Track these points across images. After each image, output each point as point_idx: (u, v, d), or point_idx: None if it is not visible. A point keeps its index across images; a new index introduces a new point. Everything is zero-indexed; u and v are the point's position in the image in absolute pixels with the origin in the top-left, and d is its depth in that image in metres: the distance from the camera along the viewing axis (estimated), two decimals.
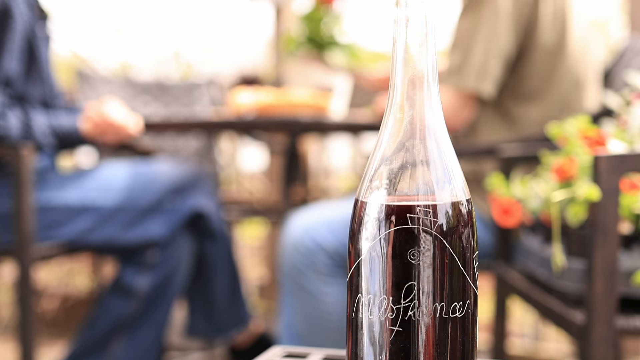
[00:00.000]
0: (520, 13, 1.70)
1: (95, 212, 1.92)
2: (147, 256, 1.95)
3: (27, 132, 1.82)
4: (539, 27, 1.71)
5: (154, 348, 1.98)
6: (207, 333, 2.16)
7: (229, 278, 2.14)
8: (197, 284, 2.12)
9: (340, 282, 1.66)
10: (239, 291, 2.17)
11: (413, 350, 0.59)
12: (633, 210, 1.18)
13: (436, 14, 0.62)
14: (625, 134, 1.28)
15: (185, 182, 2.00)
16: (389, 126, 0.62)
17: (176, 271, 1.99)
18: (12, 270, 2.74)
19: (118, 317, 1.94)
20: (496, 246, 1.59)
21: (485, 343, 2.38)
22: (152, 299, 1.96)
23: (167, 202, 1.95)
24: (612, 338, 1.12)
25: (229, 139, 3.29)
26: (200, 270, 2.11)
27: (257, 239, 3.50)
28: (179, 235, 1.98)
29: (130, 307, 1.94)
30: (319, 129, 2.11)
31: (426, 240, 0.59)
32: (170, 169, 2.03)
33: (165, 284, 1.97)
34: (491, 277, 1.66)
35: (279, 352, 0.83)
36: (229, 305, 2.15)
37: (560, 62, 1.74)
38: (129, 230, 1.93)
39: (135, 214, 1.93)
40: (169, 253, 1.96)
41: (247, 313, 2.20)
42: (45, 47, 1.97)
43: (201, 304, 2.13)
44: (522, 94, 1.76)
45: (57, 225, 1.90)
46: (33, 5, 1.93)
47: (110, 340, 1.94)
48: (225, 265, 2.13)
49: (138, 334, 1.95)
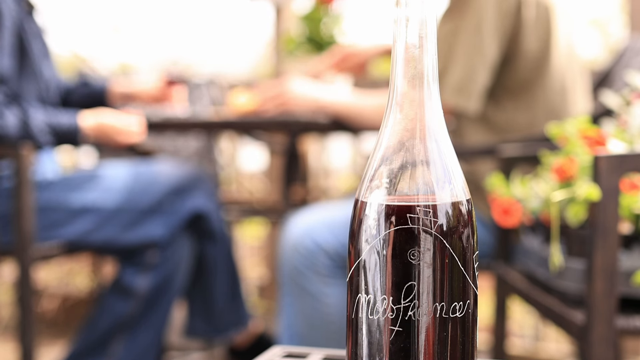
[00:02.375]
0: (504, 21, 1.67)
1: (95, 213, 1.92)
2: (147, 257, 1.95)
3: (26, 131, 1.81)
4: (522, 34, 1.68)
5: (153, 348, 1.98)
6: (206, 333, 2.16)
7: (228, 279, 2.14)
8: (196, 285, 2.13)
9: (340, 282, 1.66)
10: (238, 292, 2.17)
11: (413, 350, 0.59)
12: (633, 210, 1.18)
13: (436, 14, 0.62)
14: (625, 134, 1.28)
15: (185, 183, 2.00)
16: (389, 126, 0.62)
17: (176, 272, 1.99)
18: (12, 270, 2.74)
19: (118, 317, 1.94)
20: (496, 246, 1.59)
21: (485, 343, 2.38)
22: (152, 300, 1.96)
23: (167, 203, 1.95)
24: (612, 338, 1.12)
25: (229, 139, 3.29)
26: (199, 271, 2.11)
27: (257, 239, 3.50)
28: (178, 236, 1.98)
29: (129, 307, 1.94)
30: (319, 129, 2.11)
31: (426, 240, 0.59)
32: (170, 170, 2.03)
33: (164, 284, 1.97)
34: (491, 277, 1.66)
35: (279, 352, 0.83)
36: (229, 306, 2.15)
37: (544, 68, 1.72)
38: (129, 231, 1.93)
39: (135, 215, 1.93)
40: (169, 254, 1.96)
41: (246, 313, 2.20)
42: (36, 41, 1.97)
43: (200, 305, 2.14)
44: (505, 100, 1.75)
45: (57, 225, 1.90)
46: (20, 0, 1.92)
47: (110, 340, 1.94)
48: (224, 266, 2.13)
49: (138, 334, 1.95)
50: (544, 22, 1.70)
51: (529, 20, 1.68)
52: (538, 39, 1.70)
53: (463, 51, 1.67)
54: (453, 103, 1.66)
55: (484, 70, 1.67)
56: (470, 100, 1.66)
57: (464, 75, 1.66)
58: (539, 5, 1.69)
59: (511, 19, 1.67)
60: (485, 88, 1.69)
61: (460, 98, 1.66)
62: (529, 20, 1.68)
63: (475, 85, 1.66)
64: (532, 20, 1.69)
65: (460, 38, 1.67)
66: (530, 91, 1.73)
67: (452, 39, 1.68)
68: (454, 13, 1.69)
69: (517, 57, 1.71)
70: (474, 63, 1.66)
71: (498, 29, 1.67)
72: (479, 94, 1.67)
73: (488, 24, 1.66)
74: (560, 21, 1.74)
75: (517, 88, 1.73)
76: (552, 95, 1.73)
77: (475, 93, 1.66)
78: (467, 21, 1.67)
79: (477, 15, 1.66)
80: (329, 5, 2.28)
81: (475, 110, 1.68)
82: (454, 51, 1.67)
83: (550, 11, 1.70)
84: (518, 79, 1.73)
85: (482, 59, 1.66)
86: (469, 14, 1.66)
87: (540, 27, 1.70)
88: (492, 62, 1.68)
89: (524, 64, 1.71)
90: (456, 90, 1.66)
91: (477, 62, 1.66)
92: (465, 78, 1.66)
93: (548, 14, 1.70)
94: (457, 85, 1.66)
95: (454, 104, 1.66)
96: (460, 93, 1.66)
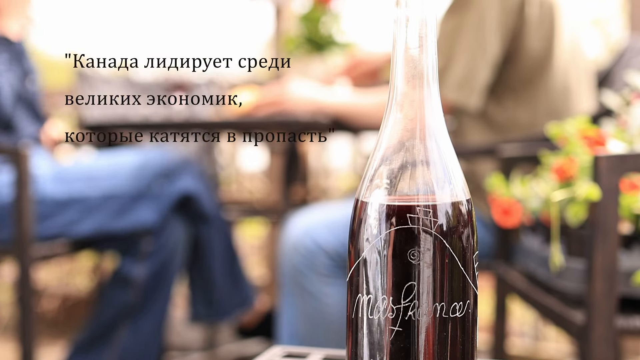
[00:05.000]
0: (507, 18, 1.67)
1: (82, 203, 1.93)
2: (142, 245, 1.97)
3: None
4: (525, 32, 1.68)
5: (157, 334, 2.02)
6: (209, 317, 2.18)
7: (226, 260, 2.16)
8: (194, 269, 2.14)
9: (340, 282, 1.66)
10: (238, 272, 2.18)
11: (413, 350, 0.59)
12: (633, 210, 1.18)
13: (436, 13, 0.62)
14: (625, 134, 1.28)
15: (172, 166, 2.01)
16: (389, 126, 0.62)
17: (172, 257, 2.01)
18: (12, 270, 2.74)
19: (120, 307, 1.98)
20: (496, 246, 1.59)
21: (485, 343, 2.38)
22: (151, 287, 1.98)
23: (155, 187, 1.96)
24: (612, 338, 1.12)
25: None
26: (196, 254, 2.13)
27: (257, 239, 3.50)
28: (171, 220, 1.99)
29: (130, 296, 1.97)
30: (319, 129, 2.11)
31: (426, 240, 0.59)
32: (155, 154, 2.04)
33: (162, 271, 1.99)
34: (491, 277, 1.66)
35: (279, 352, 0.83)
36: (229, 287, 2.16)
37: (547, 67, 1.72)
38: (120, 218, 1.94)
39: (124, 201, 1.94)
40: (164, 240, 1.98)
41: (250, 293, 2.21)
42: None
43: (200, 289, 2.16)
44: (506, 98, 1.75)
45: (43, 218, 1.90)
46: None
47: (114, 330, 1.98)
48: (221, 247, 2.14)
49: (141, 321, 1.99)
50: (547, 21, 1.70)
51: (533, 19, 1.68)
52: (541, 37, 1.70)
53: (465, 47, 1.67)
54: (454, 98, 1.66)
55: (485, 67, 1.67)
56: (472, 96, 1.66)
57: (465, 71, 1.66)
58: (543, 3, 1.69)
59: (514, 16, 1.67)
60: (486, 85, 1.69)
61: (461, 94, 1.66)
62: (533, 19, 1.68)
63: (476, 81, 1.66)
64: (535, 19, 1.69)
65: (462, 34, 1.67)
66: (532, 90, 1.73)
67: (454, 36, 1.68)
68: (457, 10, 1.70)
69: (520, 55, 1.71)
70: (476, 59, 1.66)
71: (501, 26, 1.67)
72: (480, 90, 1.67)
73: (491, 20, 1.66)
74: (565, 20, 1.73)
75: (518, 86, 1.73)
76: (554, 94, 1.73)
77: (477, 89, 1.67)
78: (470, 18, 1.67)
79: (480, 12, 1.66)
80: (327, 4, 2.27)
81: (476, 107, 1.68)
82: (456, 48, 1.67)
83: (554, 10, 1.70)
84: (520, 77, 1.73)
85: (484, 56, 1.66)
86: (472, 10, 1.67)
87: (544, 25, 1.70)
88: (494, 59, 1.68)
89: (526, 62, 1.71)
90: (457, 85, 1.66)
91: (478, 58, 1.66)
92: (466, 74, 1.66)
93: (552, 12, 1.70)
94: (459, 81, 1.66)
95: (454, 99, 1.66)
96: (461, 89, 1.66)
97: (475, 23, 1.66)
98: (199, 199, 2.04)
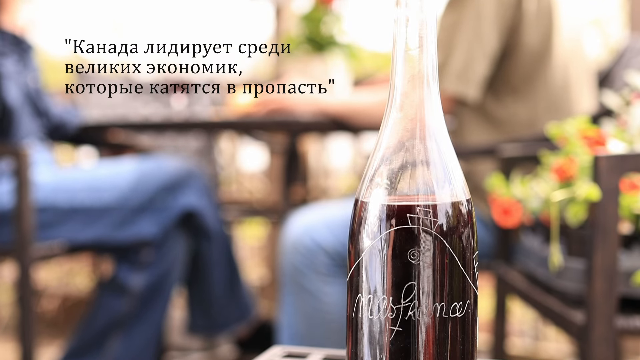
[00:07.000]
0: (504, 13, 1.68)
1: (84, 213, 1.92)
2: (142, 255, 1.95)
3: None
4: (522, 27, 1.69)
5: (151, 346, 1.98)
6: (206, 329, 2.17)
7: (226, 275, 2.15)
8: (194, 283, 2.13)
9: (340, 282, 1.66)
10: (237, 285, 2.17)
11: (413, 350, 0.59)
12: (633, 210, 1.18)
13: (436, 13, 0.62)
14: (625, 134, 1.28)
15: (176, 180, 1.99)
16: (389, 126, 0.62)
17: (171, 270, 1.99)
18: (12, 270, 2.74)
19: (113, 315, 1.95)
20: (496, 246, 1.59)
21: (485, 343, 2.38)
22: (147, 298, 1.96)
23: (158, 200, 1.95)
24: (612, 338, 1.12)
25: (229, 139, 3.29)
26: (196, 268, 2.11)
27: (257, 239, 3.50)
28: (172, 234, 1.98)
29: (125, 305, 1.95)
30: (319, 129, 2.11)
31: (426, 240, 0.59)
32: (160, 166, 2.02)
33: (160, 282, 1.97)
34: (491, 277, 1.66)
35: (279, 352, 0.83)
36: (228, 301, 2.15)
37: (546, 62, 1.72)
38: (121, 229, 1.93)
39: (126, 213, 1.93)
40: (164, 252, 1.96)
41: (249, 306, 2.20)
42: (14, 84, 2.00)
43: (199, 302, 2.14)
44: (505, 95, 1.75)
45: (46, 226, 1.90)
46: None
47: (106, 338, 1.95)
48: (222, 263, 2.13)
49: (134, 332, 1.96)
50: (545, 17, 1.70)
51: (530, 13, 1.69)
52: (539, 32, 1.70)
53: (463, 40, 1.68)
54: (453, 90, 1.67)
55: (483, 59, 1.68)
56: (470, 87, 1.67)
57: (463, 63, 1.67)
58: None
59: (512, 10, 1.68)
60: (484, 77, 1.70)
61: (459, 85, 1.67)
62: (530, 13, 1.69)
63: (474, 73, 1.67)
64: (533, 14, 1.69)
65: (460, 29, 1.68)
66: (531, 86, 1.73)
67: (452, 31, 1.69)
68: (456, 5, 1.71)
69: (518, 50, 1.71)
70: (473, 51, 1.67)
71: (498, 19, 1.68)
72: (478, 82, 1.68)
73: (488, 14, 1.67)
74: (564, 17, 1.74)
75: (517, 82, 1.74)
76: (554, 91, 1.73)
77: (475, 80, 1.68)
78: (468, 12, 1.68)
79: (477, 6, 1.67)
80: (328, 5, 2.27)
81: (474, 98, 1.69)
82: (454, 42, 1.68)
83: (552, 6, 1.71)
84: (518, 72, 1.73)
85: (481, 48, 1.67)
86: (470, 4, 1.68)
87: (542, 21, 1.70)
88: (492, 52, 1.69)
89: (524, 58, 1.72)
90: (455, 77, 1.67)
91: (476, 50, 1.67)
92: (464, 66, 1.67)
93: (550, 8, 1.71)
94: (457, 72, 1.67)
95: (453, 90, 1.67)
96: (459, 80, 1.67)
97: (472, 17, 1.68)
98: (202, 214, 2.03)
